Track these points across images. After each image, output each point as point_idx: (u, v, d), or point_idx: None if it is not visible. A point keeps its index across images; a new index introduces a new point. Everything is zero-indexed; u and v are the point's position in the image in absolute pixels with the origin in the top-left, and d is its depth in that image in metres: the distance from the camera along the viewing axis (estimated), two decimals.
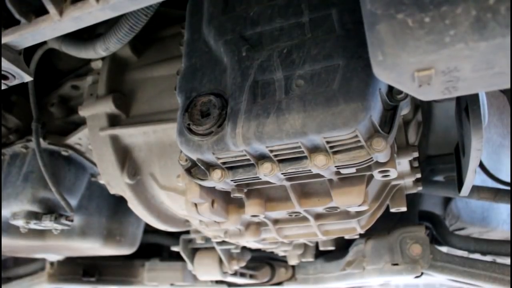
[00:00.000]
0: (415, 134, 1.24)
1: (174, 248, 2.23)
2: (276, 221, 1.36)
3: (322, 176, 1.01)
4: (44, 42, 1.45)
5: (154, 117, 1.50)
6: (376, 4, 0.53)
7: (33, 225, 1.70)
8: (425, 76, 0.57)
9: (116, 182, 1.61)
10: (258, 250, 2.04)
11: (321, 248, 2.02)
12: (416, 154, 1.18)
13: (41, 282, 2.62)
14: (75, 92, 1.82)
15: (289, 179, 1.05)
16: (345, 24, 0.89)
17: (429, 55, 0.54)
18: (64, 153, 1.78)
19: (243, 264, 2.19)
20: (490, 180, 1.73)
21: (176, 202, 1.66)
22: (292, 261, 2.12)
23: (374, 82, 0.83)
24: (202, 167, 1.00)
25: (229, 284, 2.44)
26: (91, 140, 1.57)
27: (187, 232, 2.17)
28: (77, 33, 0.99)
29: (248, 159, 0.94)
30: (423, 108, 1.37)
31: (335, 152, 0.89)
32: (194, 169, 1.06)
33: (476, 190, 1.68)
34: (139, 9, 1.15)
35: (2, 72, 0.91)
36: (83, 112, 1.58)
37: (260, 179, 0.99)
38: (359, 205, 1.07)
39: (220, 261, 2.13)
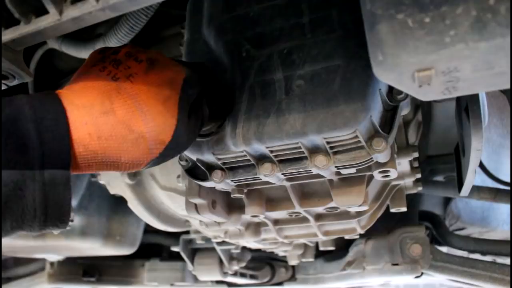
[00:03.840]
0: (415, 134, 1.24)
1: (174, 248, 2.22)
2: (276, 221, 1.36)
3: (322, 177, 1.01)
4: (44, 42, 1.45)
5: None
6: (376, 4, 0.53)
7: None
8: (425, 76, 0.57)
9: (116, 182, 1.61)
10: (258, 250, 2.03)
11: (321, 248, 2.02)
12: (416, 154, 1.18)
13: (41, 282, 2.62)
14: None
15: (289, 180, 1.05)
16: (345, 24, 0.89)
17: (429, 55, 0.54)
18: None
19: (243, 264, 2.19)
20: (490, 180, 1.73)
21: (176, 202, 1.66)
22: (292, 261, 2.12)
23: (374, 82, 0.83)
24: (202, 168, 1.00)
25: (229, 284, 2.44)
26: None
27: (187, 232, 2.17)
28: (77, 33, 0.99)
29: (248, 160, 0.94)
30: (423, 108, 1.37)
31: (335, 153, 0.89)
32: (194, 170, 1.06)
33: (476, 190, 1.67)
34: (139, 9, 1.15)
35: (2, 72, 0.91)
36: None
37: (260, 179, 0.99)
38: (359, 205, 1.07)
39: (220, 261, 2.13)
